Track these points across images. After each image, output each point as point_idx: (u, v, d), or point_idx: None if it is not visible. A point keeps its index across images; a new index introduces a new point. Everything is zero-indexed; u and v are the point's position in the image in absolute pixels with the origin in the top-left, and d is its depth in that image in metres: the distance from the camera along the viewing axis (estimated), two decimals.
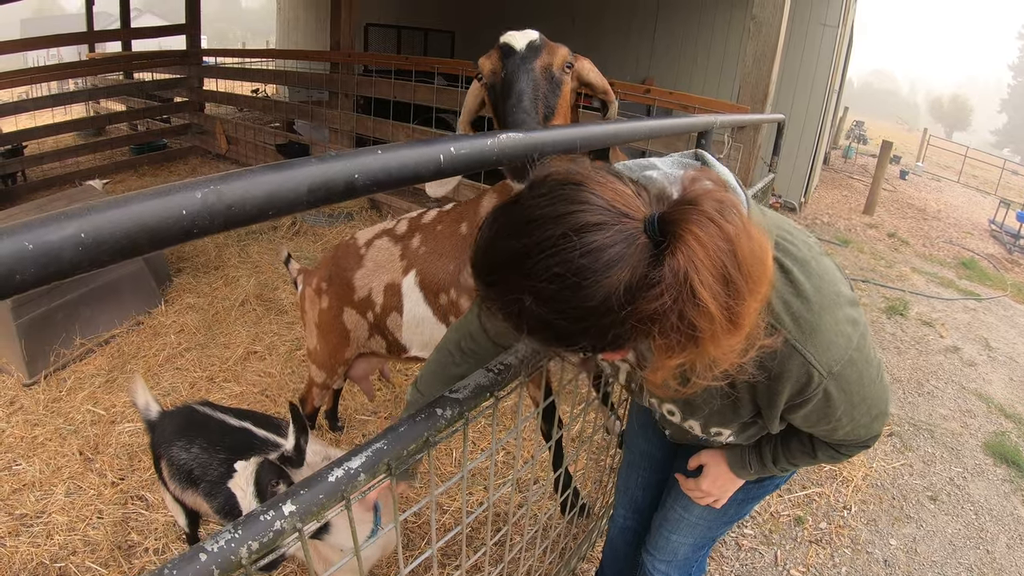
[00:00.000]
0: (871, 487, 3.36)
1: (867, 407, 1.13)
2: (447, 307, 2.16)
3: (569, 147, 1.00)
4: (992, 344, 5.71)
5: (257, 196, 0.54)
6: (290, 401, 1.77)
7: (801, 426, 1.19)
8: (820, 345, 1.02)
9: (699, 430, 1.31)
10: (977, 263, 9.31)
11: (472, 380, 1.07)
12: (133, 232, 0.48)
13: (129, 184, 7.56)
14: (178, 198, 0.50)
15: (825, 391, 1.05)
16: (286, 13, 16.30)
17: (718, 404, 1.18)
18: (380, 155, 0.65)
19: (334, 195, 0.60)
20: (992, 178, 21.17)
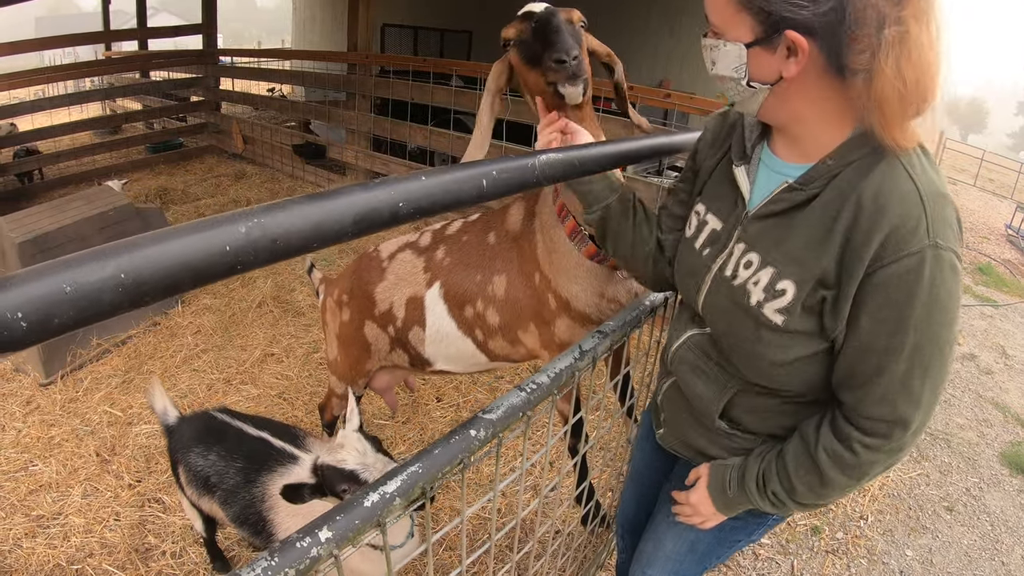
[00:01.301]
0: (888, 497, 3.34)
1: (932, 364, 1.01)
2: (472, 320, 2.13)
3: (610, 164, 1.00)
4: (1009, 352, 5.67)
5: (303, 229, 0.53)
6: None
7: (860, 340, 1.04)
8: (937, 211, 0.97)
9: (763, 283, 1.14)
10: (994, 269, 9.23)
11: (505, 401, 1.06)
12: (175, 271, 0.47)
13: (145, 183, 7.57)
14: (221, 233, 0.49)
15: (919, 263, 0.95)
16: (302, 12, 16.33)
17: (810, 237, 1.07)
18: (424, 181, 0.65)
19: (378, 224, 0.60)
20: (1009, 182, 20.97)
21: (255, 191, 7.48)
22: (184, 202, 7.01)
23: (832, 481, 1.13)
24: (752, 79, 1.07)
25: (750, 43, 1.03)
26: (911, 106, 0.96)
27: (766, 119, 1.15)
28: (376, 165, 6.86)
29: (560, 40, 1.57)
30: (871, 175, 1.00)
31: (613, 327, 1.36)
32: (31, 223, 4.07)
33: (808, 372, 1.14)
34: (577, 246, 1.85)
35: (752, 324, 1.15)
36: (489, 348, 2.18)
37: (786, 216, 1.11)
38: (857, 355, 1.05)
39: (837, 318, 1.05)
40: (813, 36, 0.98)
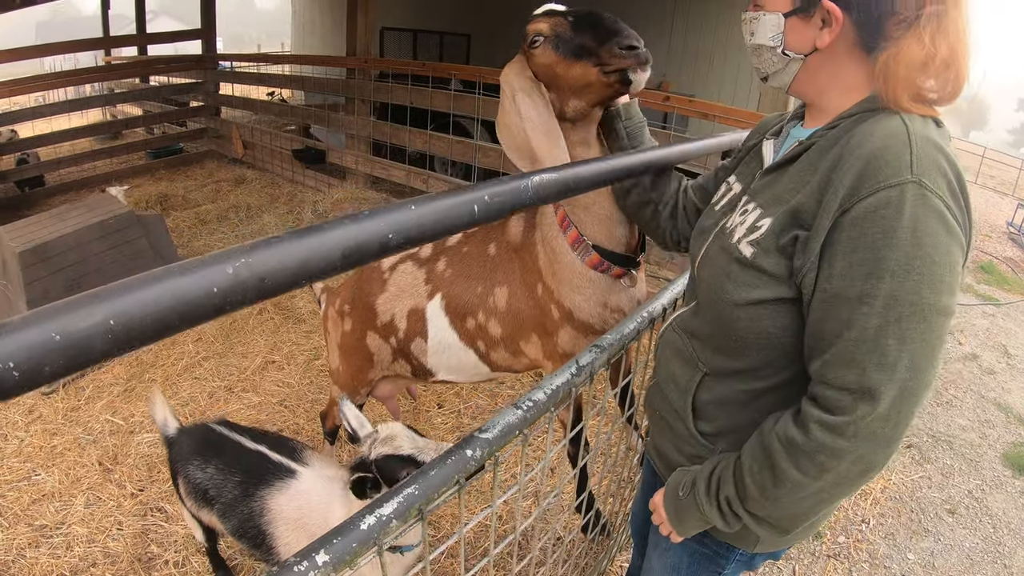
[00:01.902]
0: (889, 500, 3.33)
1: (911, 328, 0.90)
2: (474, 331, 2.13)
3: (605, 181, 1.00)
4: (1011, 351, 5.66)
5: (291, 267, 0.54)
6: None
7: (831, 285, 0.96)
8: (926, 153, 0.93)
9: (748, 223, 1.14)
10: (995, 267, 9.22)
11: (502, 419, 1.06)
12: (164, 316, 0.47)
13: (146, 189, 7.59)
14: (209, 275, 0.49)
15: (899, 198, 0.90)
16: (301, 16, 16.33)
17: (796, 177, 1.08)
18: (413, 210, 0.65)
19: (368, 257, 0.60)
20: (1010, 178, 20.95)
21: (255, 196, 7.48)
22: (185, 208, 7.02)
23: (785, 477, 1.01)
24: (787, 48, 1.12)
25: (789, 12, 1.09)
26: (931, 71, 0.98)
27: (796, 92, 1.18)
28: (376, 169, 6.86)
29: (625, 27, 1.55)
30: (866, 122, 1.01)
31: (611, 341, 1.36)
32: (31, 232, 4.08)
33: (770, 327, 1.08)
34: (580, 256, 1.84)
35: (726, 259, 1.15)
36: (491, 359, 2.18)
37: (786, 167, 1.13)
38: (828, 306, 0.97)
39: (807, 255, 0.99)
40: (848, 9, 1.03)
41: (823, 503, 1.05)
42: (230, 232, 6.30)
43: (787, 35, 1.11)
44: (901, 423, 0.94)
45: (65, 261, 4.03)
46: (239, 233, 6.24)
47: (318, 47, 15.47)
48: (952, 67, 0.98)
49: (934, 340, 0.91)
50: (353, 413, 1.77)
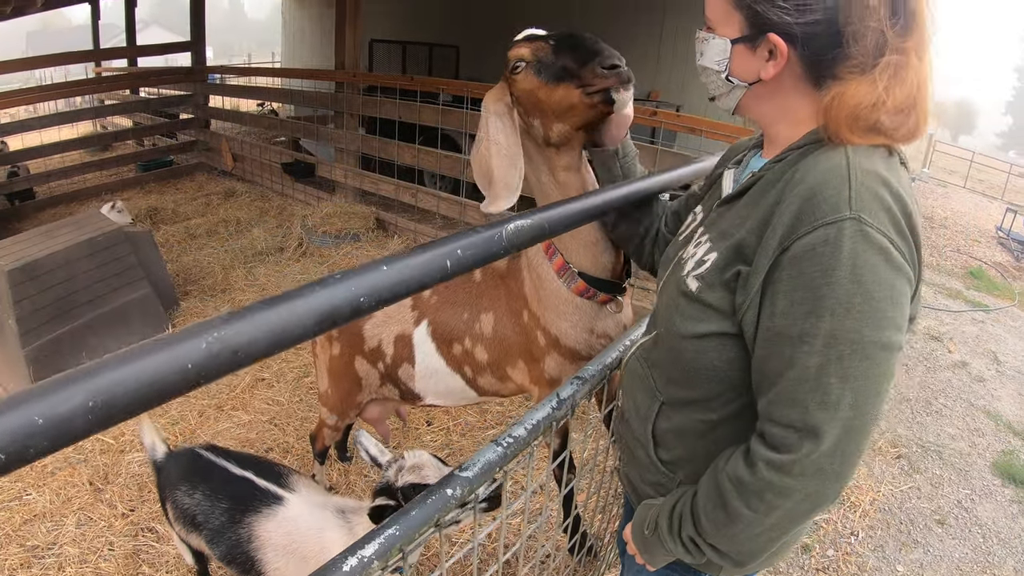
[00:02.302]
0: (879, 512, 3.34)
1: (853, 367, 0.90)
2: (461, 357, 2.14)
3: (580, 221, 1.02)
4: (1000, 358, 5.69)
5: (262, 340, 0.54)
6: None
7: (774, 323, 0.96)
8: (865, 187, 0.92)
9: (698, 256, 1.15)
10: (985, 272, 9.28)
11: (481, 457, 1.07)
12: (141, 393, 0.48)
13: (136, 202, 7.57)
14: (183, 351, 0.50)
15: (837, 235, 0.89)
16: (291, 26, 16.36)
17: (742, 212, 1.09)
18: (385, 271, 0.66)
19: (341, 321, 0.61)
20: (998, 182, 21.06)
21: (244, 210, 7.49)
22: (174, 221, 7.01)
23: (737, 515, 1.01)
24: (732, 74, 1.13)
25: (736, 39, 1.09)
26: (880, 112, 0.97)
27: (741, 115, 1.20)
28: (365, 184, 6.87)
29: (606, 47, 1.54)
30: (810, 156, 1.01)
31: (592, 372, 1.37)
32: (20, 250, 4.07)
33: (716, 360, 1.09)
34: (566, 283, 1.84)
35: (676, 292, 1.16)
36: (478, 384, 2.19)
37: (736, 200, 1.14)
38: (770, 344, 0.97)
39: (747, 292, 1.00)
40: (794, 43, 1.03)
41: (777, 538, 1.04)
42: (219, 247, 6.29)
43: (733, 61, 1.12)
44: (848, 459, 0.94)
45: (54, 279, 4.02)
46: (228, 248, 6.23)
47: (307, 57, 15.49)
48: (910, 113, 0.99)
49: (878, 376, 0.92)
50: (372, 442, 1.79)
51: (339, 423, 2.66)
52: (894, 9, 0.97)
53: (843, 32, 0.99)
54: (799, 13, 1.00)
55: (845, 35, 0.98)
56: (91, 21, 12.08)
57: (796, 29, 1.01)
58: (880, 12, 0.96)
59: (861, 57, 0.98)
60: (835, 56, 1.01)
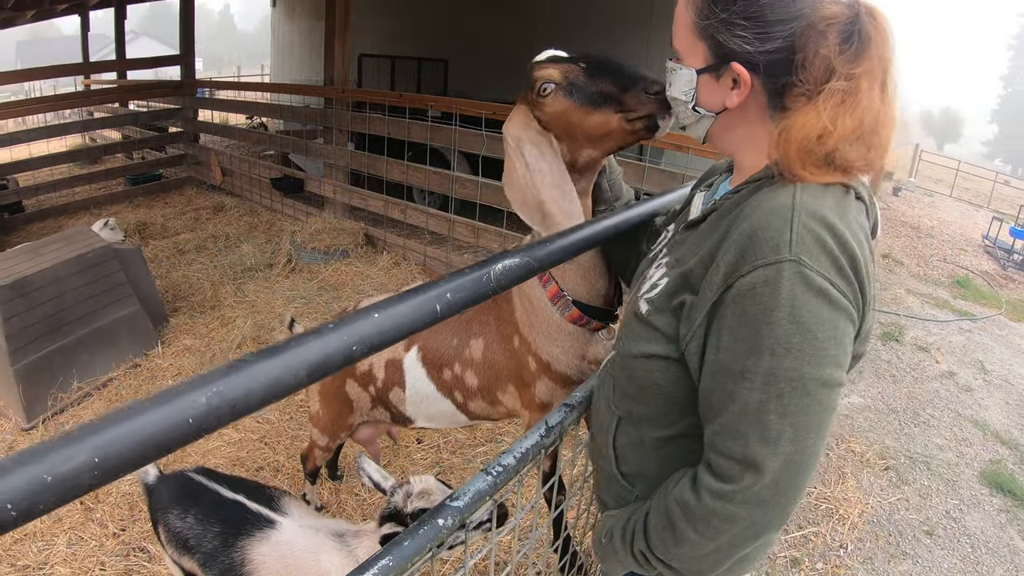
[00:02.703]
0: (867, 524, 3.36)
1: (793, 404, 0.92)
2: (451, 382, 2.14)
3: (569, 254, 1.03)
4: (987, 367, 5.74)
5: (258, 392, 0.56)
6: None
7: (717, 358, 0.98)
8: (808, 231, 0.92)
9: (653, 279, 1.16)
10: (971, 281, 9.35)
11: (472, 486, 1.08)
12: (144, 448, 0.50)
13: (124, 216, 7.56)
14: (184, 406, 0.52)
15: (775, 277, 0.91)
16: (280, 39, 16.35)
17: (695, 242, 1.10)
18: (376, 318, 0.67)
19: (333, 369, 0.62)
20: (984, 190, 21.24)
21: (233, 225, 7.50)
22: (163, 236, 7.01)
23: (684, 537, 1.03)
24: (698, 104, 1.15)
25: (701, 69, 1.11)
26: (830, 143, 0.96)
27: (711, 143, 1.21)
28: (354, 199, 6.89)
29: (647, 71, 1.50)
30: (761, 192, 1.02)
31: (580, 398, 1.38)
32: (9, 267, 4.07)
33: (659, 380, 1.11)
34: (559, 311, 1.83)
35: (630, 311, 1.19)
36: (469, 409, 2.19)
37: (696, 227, 1.14)
38: (714, 378, 0.99)
39: (690, 325, 1.02)
40: (757, 72, 1.05)
41: (725, 559, 1.05)
42: (209, 263, 6.29)
43: (699, 91, 1.13)
44: (789, 491, 0.96)
45: (44, 296, 4.02)
46: (218, 264, 6.22)
47: (297, 71, 15.48)
48: (865, 140, 0.98)
49: (819, 412, 0.93)
50: (374, 467, 1.80)
51: (330, 444, 2.66)
52: (846, 35, 0.97)
53: (794, 59, 1.00)
54: (760, 41, 1.02)
55: (796, 64, 1.00)
56: (80, 32, 12.09)
57: (758, 58, 1.03)
58: (831, 37, 0.97)
59: (807, 85, 0.98)
60: (784, 84, 1.03)
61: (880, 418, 4.50)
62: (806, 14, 1.00)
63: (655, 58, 10.47)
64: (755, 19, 1.02)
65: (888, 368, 5.39)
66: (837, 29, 0.97)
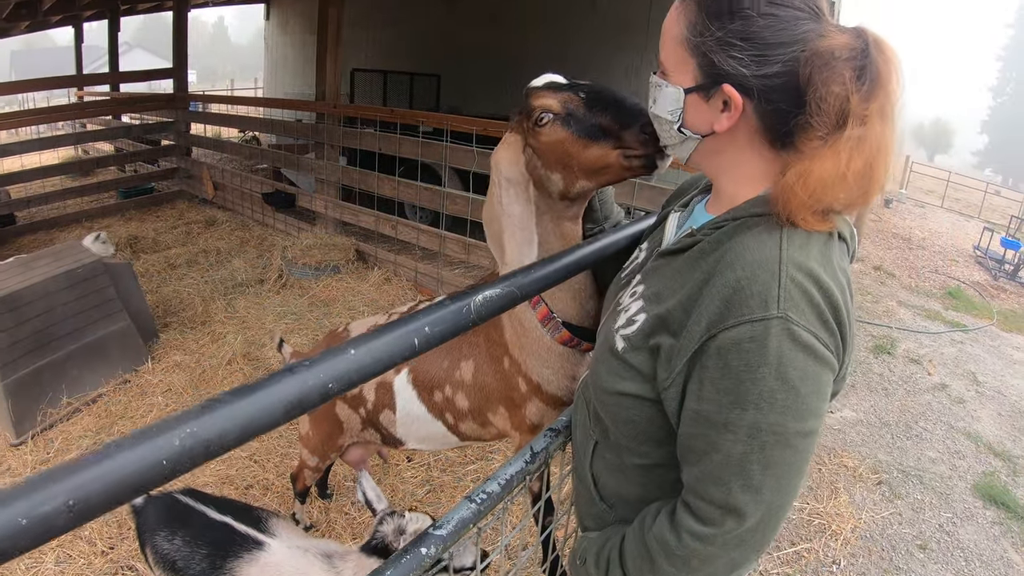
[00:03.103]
0: (860, 539, 3.36)
1: (775, 456, 0.92)
2: (442, 404, 2.12)
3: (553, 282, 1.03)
4: (980, 378, 5.76)
5: (233, 431, 0.55)
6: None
7: (700, 407, 0.96)
8: (795, 286, 0.91)
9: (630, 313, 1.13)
10: (963, 292, 9.40)
11: (455, 515, 1.07)
12: (118, 489, 0.49)
13: (116, 230, 7.54)
14: (157, 447, 0.51)
15: (763, 334, 0.89)
16: (274, 53, 16.41)
17: (674, 279, 1.06)
18: (352, 355, 0.66)
19: (309, 407, 0.62)
20: (975, 200, 21.35)
21: (225, 240, 7.49)
22: (155, 251, 6.99)
23: (663, 570, 1.03)
24: (684, 125, 1.09)
25: (689, 88, 1.05)
26: (846, 185, 0.93)
27: (695, 166, 1.16)
28: (345, 215, 6.88)
29: (644, 111, 1.41)
30: (747, 233, 0.98)
31: (565, 422, 1.37)
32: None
33: (635, 417, 1.09)
34: (550, 333, 1.81)
35: (605, 344, 1.15)
36: (460, 430, 2.17)
37: (673, 257, 1.10)
38: (695, 425, 0.97)
39: (669, 371, 1.00)
40: (750, 96, 0.99)
41: None
42: (200, 277, 6.27)
43: (686, 111, 1.07)
44: (769, 532, 0.97)
45: (33, 311, 4.00)
46: (209, 279, 6.21)
47: (290, 84, 15.53)
48: (866, 176, 0.94)
49: (799, 461, 0.94)
50: (370, 485, 1.79)
51: (320, 465, 2.65)
52: (859, 72, 0.92)
53: (805, 95, 0.94)
54: (757, 65, 0.96)
55: (808, 100, 0.94)
56: (74, 44, 12.11)
57: (753, 82, 0.97)
58: (845, 74, 0.91)
59: (824, 129, 0.94)
60: (796, 124, 0.97)
61: (872, 432, 4.50)
62: (809, 39, 0.95)
63: (648, 71, 10.52)
64: (753, 40, 0.96)
65: (880, 381, 5.40)
66: (851, 64, 0.92)
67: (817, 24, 0.96)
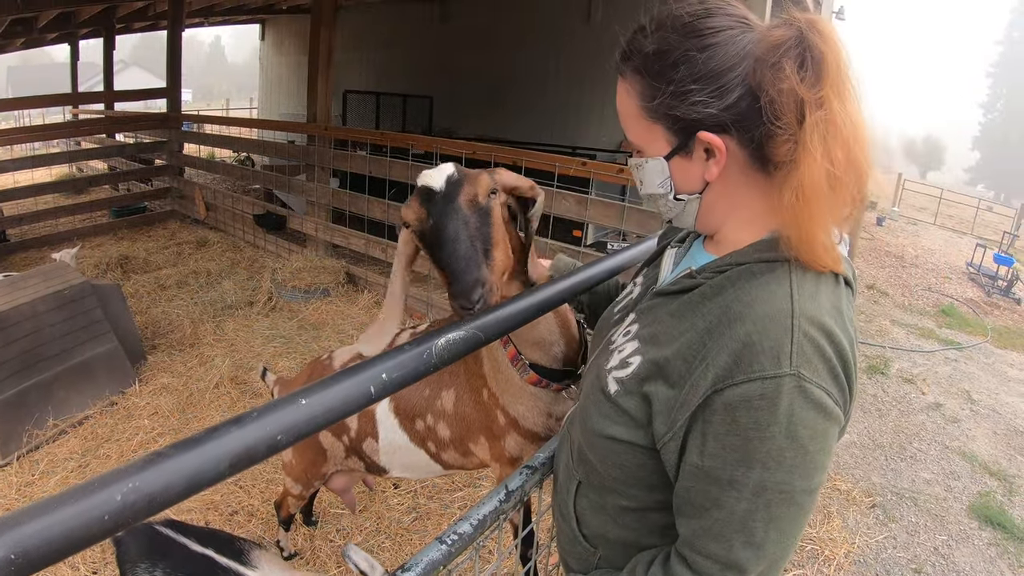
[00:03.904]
0: (853, 564, 3.32)
1: (780, 513, 0.90)
2: (424, 433, 2.11)
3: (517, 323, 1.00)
4: (974, 396, 5.75)
5: (177, 485, 0.54)
6: None
7: (703, 463, 0.93)
8: (807, 341, 0.88)
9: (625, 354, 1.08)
10: (956, 309, 9.41)
11: (424, 556, 1.04)
12: (60, 544, 0.49)
13: (107, 249, 7.52)
14: (99, 502, 0.50)
15: (775, 392, 0.86)
16: (269, 73, 16.50)
17: (673, 324, 1.01)
18: (303, 405, 0.64)
19: (257, 460, 0.60)
20: (967, 217, 21.48)
21: (216, 261, 7.46)
22: (145, 271, 6.96)
23: None
24: (679, 192, 1.04)
25: (669, 154, 1.01)
26: (844, 191, 0.91)
27: (703, 229, 1.11)
28: (336, 237, 6.88)
29: (461, 278, 1.32)
30: (753, 281, 0.94)
31: (543, 460, 1.34)
32: None
33: (626, 462, 1.06)
34: (519, 372, 1.79)
35: (596, 385, 1.10)
36: (443, 459, 2.16)
37: (671, 298, 1.06)
38: (696, 480, 0.94)
39: (670, 425, 0.96)
40: (728, 132, 0.96)
41: None
42: (189, 299, 6.23)
43: (675, 177, 1.03)
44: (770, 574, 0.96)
45: (20, 332, 3.98)
46: (198, 300, 6.17)
47: (284, 104, 15.60)
48: (851, 163, 0.90)
49: (803, 516, 0.92)
50: (362, 557, 1.76)
51: (303, 492, 2.62)
52: (799, 60, 0.90)
53: (762, 104, 0.92)
54: (719, 99, 0.94)
55: (764, 107, 0.92)
56: (70, 61, 12.18)
57: (724, 116, 0.95)
58: (787, 67, 0.89)
59: (788, 130, 0.91)
60: (761, 135, 0.95)
61: (866, 454, 4.48)
62: (751, 51, 0.94)
63: None
64: (705, 77, 0.94)
65: (874, 402, 5.38)
66: (789, 56, 0.90)
67: (752, 33, 0.95)
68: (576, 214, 4.78)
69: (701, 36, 0.94)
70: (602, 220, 4.71)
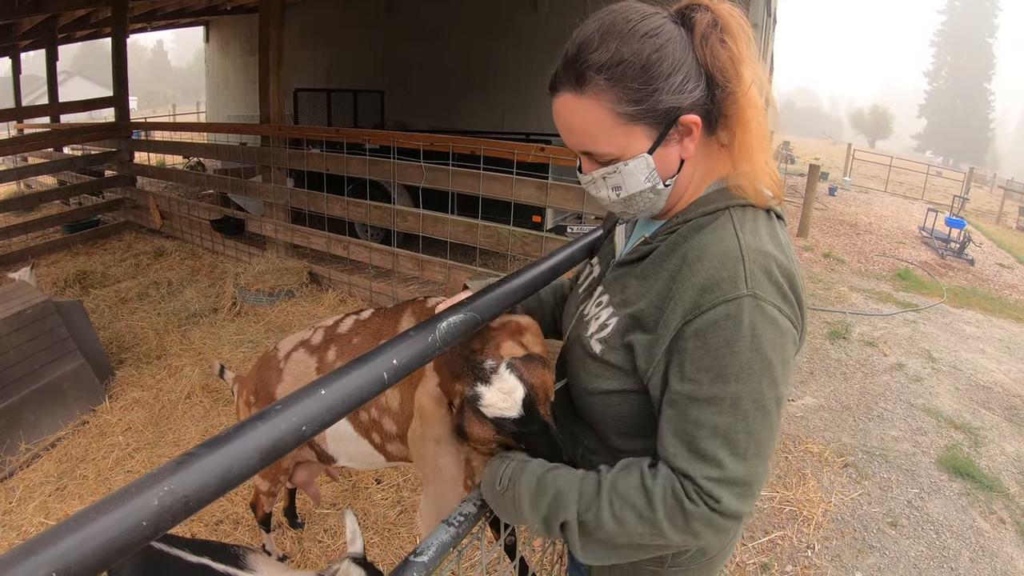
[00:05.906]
0: (831, 522, 3.41)
1: (755, 423, 0.98)
2: (368, 424, 2.08)
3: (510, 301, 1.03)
4: (935, 355, 5.90)
5: (212, 483, 0.55)
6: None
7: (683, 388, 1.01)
8: (757, 267, 1.01)
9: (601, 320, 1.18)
10: (912, 272, 9.61)
11: (435, 539, 1.06)
12: (100, 555, 0.49)
13: (63, 266, 7.35)
14: (136, 508, 0.51)
15: (737, 310, 0.98)
16: (215, 76, 16.20)
17: (640, 283, 1.12)
18: (323, 395, 0.66)
19: (285, 451, 0.61)
20: (917, 183, 21.90)
21: (175, 270, 7.34)
22: (104, 285, 6.81)
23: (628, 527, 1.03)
24: (665, 179, 1.10)
25: (652, 148, 1.07)
26: (767, 127, 1.08)
27: (669, 205, 1.16)
28: (296, 237, 6.82)
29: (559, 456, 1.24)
30: (702, 231, 1.07)
31: None
32: None
33: (622, 412, 1.17)
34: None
35: (581, 351, 1.22)
36: (387, 451, 2.15)
37: (634, 265, 1.17)
38: (679, 406, 1.02)
39: (649, 361, 1.07)
40: (698, 111, 1.06)
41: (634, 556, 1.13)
42: (152, 310, 6.13)
43: (659, 168, 1.08)
44: (758, 487, 1.02)
45: None
46: (161, 311, 6.09)
47: (232, 107, 15.33)
48: (769, 106, 1.09)
49: (773, 426, 1.02)
50: (353, 526, 1.78)
51: (272, 488, 2.62)
52: (722, 33, 1.05)
53: (714, 74, 1.05)
54: (694, 80, 1.05)
55: (716, 77, 1.05)
56: (12, 75, 11.86)
57: (699, 95, 1.05)
58: (724, 41, 1.04)
59: (735, 87, 1.05)
60: (720, 97, 1.07)
61: (834, 416, 4.58)
62: (689, 36, 1.05)
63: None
64: (676, 67, 1.03)
65: (838, 366, 5.50)
66: (715, 31, 1.04)
67: (676, 21, 1.06)
68: (537, 200, 4.81)
69: (656, 35, 1.03)
70: (563, 204, 4.74)
